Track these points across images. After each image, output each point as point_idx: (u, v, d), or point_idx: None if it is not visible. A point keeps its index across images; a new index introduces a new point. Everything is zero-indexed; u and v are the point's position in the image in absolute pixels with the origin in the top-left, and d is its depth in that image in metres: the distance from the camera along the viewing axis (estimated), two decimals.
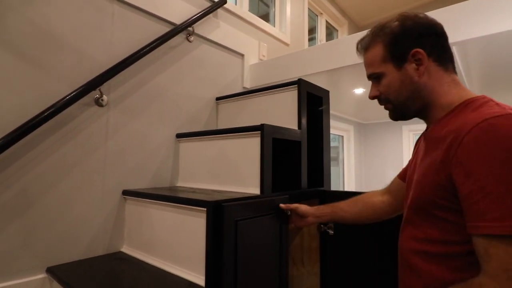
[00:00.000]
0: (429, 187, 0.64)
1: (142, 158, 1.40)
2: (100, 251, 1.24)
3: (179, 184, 1.53)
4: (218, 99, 1.77)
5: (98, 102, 1.24)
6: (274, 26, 2.63)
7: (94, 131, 1.24)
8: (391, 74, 0.72)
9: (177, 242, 1.09)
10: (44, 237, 1.09)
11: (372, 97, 0.78)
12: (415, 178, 0.70)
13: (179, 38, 1.59)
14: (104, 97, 1.25)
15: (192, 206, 1.01)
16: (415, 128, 3.62)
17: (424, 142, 0.74)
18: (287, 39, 2.62)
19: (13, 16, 1.04)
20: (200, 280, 0.97)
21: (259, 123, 1.57)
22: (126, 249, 1.30)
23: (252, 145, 1.22)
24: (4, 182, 1.01)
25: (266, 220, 1.02)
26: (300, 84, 1.39)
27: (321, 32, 3.46)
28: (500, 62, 1.71)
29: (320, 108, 1.55)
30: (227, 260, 0.91)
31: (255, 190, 1.19)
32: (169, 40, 1.48)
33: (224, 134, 1.33)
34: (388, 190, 0.99)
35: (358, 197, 1.05)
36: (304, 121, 1.40)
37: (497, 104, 0.60)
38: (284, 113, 1.48)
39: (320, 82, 1.62)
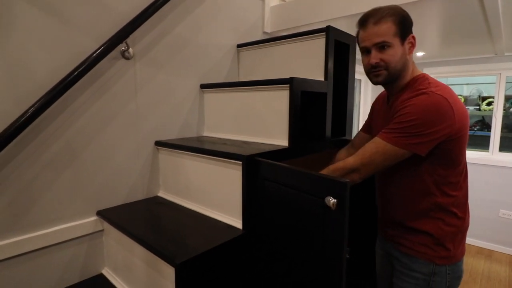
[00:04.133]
0: None
1: (170, 109, 1.43)
2: (140, 196, 1.36)
3: (205, 134, 1.59)
4: (239, 46, 1.72)
5: (124, 55, 1.23)
6: None
7: (124, 85, 1.25)
8: (398, 47, 0.94)
9: (213, 190, 1.18)
10: (91, 185, 1.20)
11: (375, 63, 0.96)
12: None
13: None
14: (130, 49, 1.24)
15: (228, 159, 1.07)
16: (437, 71, 3.48)
17: (388, 109, 1.05)
18: None
19: None
20: (237, 223, 1.08)
21: (283, 74, 1.56)
22: (162, 194, 1.42)
23: (280, 98, 1.23)
24: (51, 137, 1.07)
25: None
26: (329, 31, 1.34)
27: None
28: None
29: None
30: (260, 209, 1.01)
31: (283, 142, 1.24)
32: None
33: (251, 86, 1.33)
34: (352, 144, 1.30)
35: (337, 158, 1.32)
36: (331, 71, 1.38)
37: (429, 83, 0.93)
38: (309, 62, 1.45)
39: (340, 25, 1.53)
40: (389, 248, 1.10)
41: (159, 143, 1.38)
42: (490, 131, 3.96)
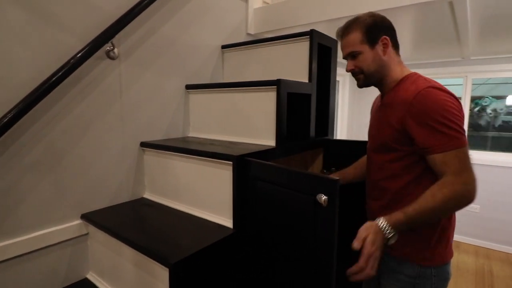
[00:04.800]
0: (386, 134, 0.98)
1: (155, 110, 1.42)
2: (125, 198, 1.34)
3: (191, 134, 1.59)
4: (224, 47, 1.73)
5: (109, 55, 1.21)
6: None
7: (108, 85, 1.23)
8: (367, 52, 0.99)
9: (201, 190, 1.19)
10: (75, 187, 1.17)
11: (349, 70, 1.04)
12: (374, 131, 1.07)
13: None
14: (115, 49, 1.21)
15: (219, 159, 1.08)
16: None
17: (380, 106, 1.06)
18: None
19: None
20: (227, 223, 1.10)
21: (267, 75, 1.59)
22: (148, 196, 1.41)
23: (267, 99, 1.26)
24: (33, 138, 1.04)
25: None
26: (313, 35, 1.38)
27: None
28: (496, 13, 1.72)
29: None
30: (251, 208, 1.03)
31: (270, 142, 1.27)
32: None
33: (238, 88, 1.35)
34: None
35: (359, 161, 1.31)
36: (315, 73, 1.43)
37: (424, 79, 0.94)
38: (293, 64, 1.49)
39: (320, 28, 1.58)
40: None
41: (144, 144, 1.37)
42: None
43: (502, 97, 3.66)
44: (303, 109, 1.44)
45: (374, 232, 0.85)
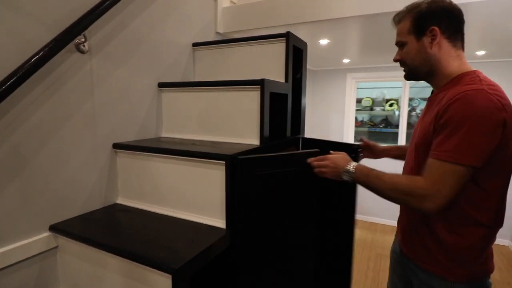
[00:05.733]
0: (420, 135, 0.91)
1: (128, 109, 1.33)
2: (97, 205, 1.23)
3: (164, 135, 1.52)
4: (195, 45, 1.69)
5: (79, 48, 1.10)
6: None
7: (79, 82, 1.12)
8: (412, 44, 0.92)
9: (187, 192, 1.15)
10: (42, 196, 1.04)
11: (395, 60, 0.99)
12: (418, 129, 0.96)
13: None
14: (86, 42, 1.11)
15: (209, 159, 1.06)
16: (358, 76, 3.97)
17: (428, 103, 0.97)
18: None
19: None
20: (219, 223, 1.08)
21: (241, 75, 1.60)
22: (122, 201, 1.31)
23: (250, 98, 1.26)
24: None
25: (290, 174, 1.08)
26: (289, 37, 1.43)
27: None
28: None
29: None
30: (245, 208, 1.03)
31: (254, 141, 1.28)
32: None
33: (218, 86, 1.33)
34: None
35: (403, 148, 1.29)
36: (290, 74, 1.47)
37: (480, 80, 0.83)
38: (268, 65, 1.51)
39: (281, 31, 1.64)
40: (406, 260, 1.04)
41: (118, 146, 1.27)
42: (392, 128, 4.71)
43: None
44: (280, 109, 1.48)
45: (334, 167, 0.99)
